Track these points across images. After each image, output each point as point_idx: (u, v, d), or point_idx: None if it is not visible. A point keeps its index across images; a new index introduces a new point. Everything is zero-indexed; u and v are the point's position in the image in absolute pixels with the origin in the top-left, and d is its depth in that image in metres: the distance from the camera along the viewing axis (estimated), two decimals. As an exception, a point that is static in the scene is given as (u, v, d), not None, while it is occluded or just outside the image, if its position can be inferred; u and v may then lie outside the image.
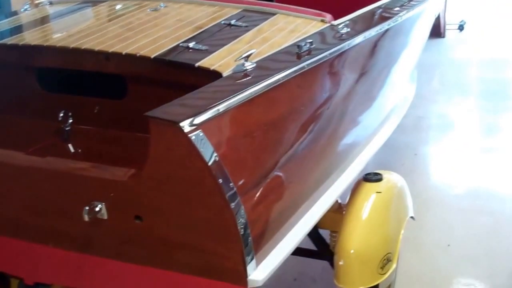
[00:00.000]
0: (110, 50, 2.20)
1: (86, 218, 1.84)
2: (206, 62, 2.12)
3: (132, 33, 2.39)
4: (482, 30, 8.78)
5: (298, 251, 2.39)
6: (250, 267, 1.79)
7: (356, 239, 2.54)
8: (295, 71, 2.12)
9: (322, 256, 2.91)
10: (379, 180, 2.77)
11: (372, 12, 2.96)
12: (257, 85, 1.93)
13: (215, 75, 2.04)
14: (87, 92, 2.38)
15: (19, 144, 2.18)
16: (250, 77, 2.00)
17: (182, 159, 1.69)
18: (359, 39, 2.58)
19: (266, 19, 2.64)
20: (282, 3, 2.99)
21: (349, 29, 2.59)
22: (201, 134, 1.66)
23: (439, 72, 7.10)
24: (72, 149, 2.26)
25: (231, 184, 1.72)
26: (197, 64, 2.10)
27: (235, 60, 2.07)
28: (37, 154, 2.08)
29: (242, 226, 1.75)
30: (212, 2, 2.81)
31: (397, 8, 3.14)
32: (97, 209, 1.85)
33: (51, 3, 3.04)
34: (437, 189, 4.35)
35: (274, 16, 2.68)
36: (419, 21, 3.58)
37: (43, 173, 1.97)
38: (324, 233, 2.89)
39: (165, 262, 1.87)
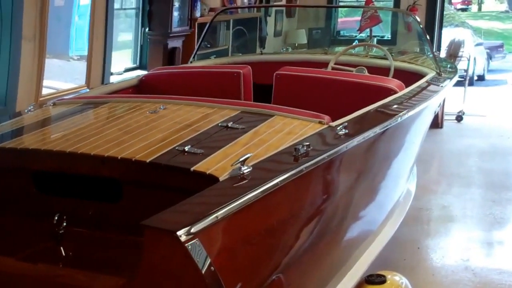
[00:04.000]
0: (106, 154, 2.22)
1: None
2: (202, 166, 2.12)
3: (129, 137, 2.41)
4: (480, 120, 8.86)
5: None
6: None
7: None
8: (293, 175, 2.11)
9: None
10: (383, 282, 2.69)
11: (371, 113, 2.98)
12: (254, 190, 1.92)
13: (211, 179, 2.03)
14: (83, 195, 2.37)
15: (11, 246, 2.15)
16: (247, 181, 1.99)
17: (177, 269, 1.66)
18: (358, 140, 2.58)
19: (264, 120, 2.67)
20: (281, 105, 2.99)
21: (347, 131, 2.60)
22: (197, 243, 1.64)
23: (437, 163, 7.09)
24: (64, 254, 2.22)
25: None
26: (192, 168, 2.10)
27: (231, 165, 2.07)
28: (28, 260, 2.04)
29: None
30: (211, 104, 2.85)
31: (396, 108, 3.16)
32: None
33: (54, 104, 3.09)
34: (442, 286, 4.22)
35: (272, 118, 2.70)
36: (418, 119, 3.61)
37: (33, 282, 1.92)
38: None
39: None
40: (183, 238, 1.61)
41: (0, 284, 1.97)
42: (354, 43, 6.13)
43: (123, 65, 6.90)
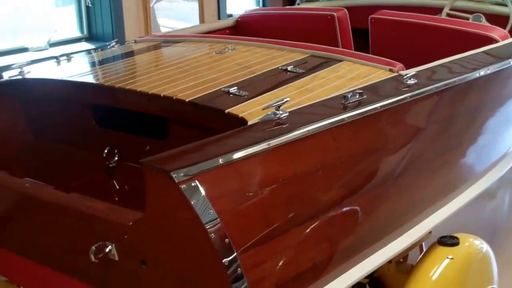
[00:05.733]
0: (150, 91, 2.22)
1: (93, 258, 1.82)
2: (238, 109, 2.05)
3: (182, 76, 2.39)
4: None
5: None
6: None
7: None
8: (331, 123, 1.98)
9: None
10: (455, 244, 2.54)
11: (453, 63, 2.70)
12: (280, 136, 1.82)
13: (243, 122, 1.97)
14: (135, 130, 2.42)
15: (60, 175, 2.24)
16: (275, 128, 1.90)
17: (173, 209, 1.63)
18: (424, 91, 2.35)
19: (329, 65, 2.52)
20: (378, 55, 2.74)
21: (416, 80, 2.38)
22: (193, 184, 1.58)
23: None
24: (107, 186, 2.29)
25: (226, 240, 1.62)
26: (227, 110, 2.04)
27: (263, 109, 1.98)
28: (69, 190, 2.11)
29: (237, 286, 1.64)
30: (281, 47, 2.75)
31: (486, 59, 2.84)
32: (107, 249, 1.84)
33: (135, 41, 3.16)
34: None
35: (339, 63, 2.55)
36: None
37: (62, 210, 1.99)
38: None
39: None
40: (178, 179, 1.56)
41: (36, 211, 2.05)
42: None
43: (247, 7, 6.92)
